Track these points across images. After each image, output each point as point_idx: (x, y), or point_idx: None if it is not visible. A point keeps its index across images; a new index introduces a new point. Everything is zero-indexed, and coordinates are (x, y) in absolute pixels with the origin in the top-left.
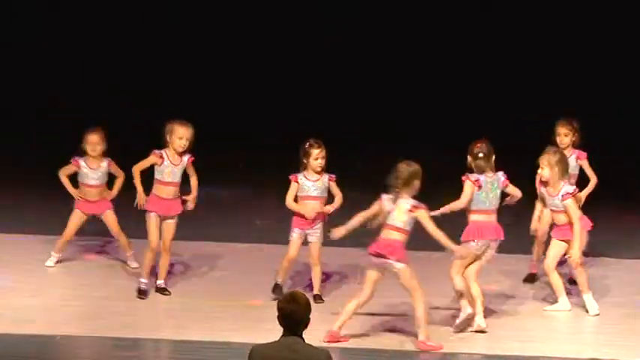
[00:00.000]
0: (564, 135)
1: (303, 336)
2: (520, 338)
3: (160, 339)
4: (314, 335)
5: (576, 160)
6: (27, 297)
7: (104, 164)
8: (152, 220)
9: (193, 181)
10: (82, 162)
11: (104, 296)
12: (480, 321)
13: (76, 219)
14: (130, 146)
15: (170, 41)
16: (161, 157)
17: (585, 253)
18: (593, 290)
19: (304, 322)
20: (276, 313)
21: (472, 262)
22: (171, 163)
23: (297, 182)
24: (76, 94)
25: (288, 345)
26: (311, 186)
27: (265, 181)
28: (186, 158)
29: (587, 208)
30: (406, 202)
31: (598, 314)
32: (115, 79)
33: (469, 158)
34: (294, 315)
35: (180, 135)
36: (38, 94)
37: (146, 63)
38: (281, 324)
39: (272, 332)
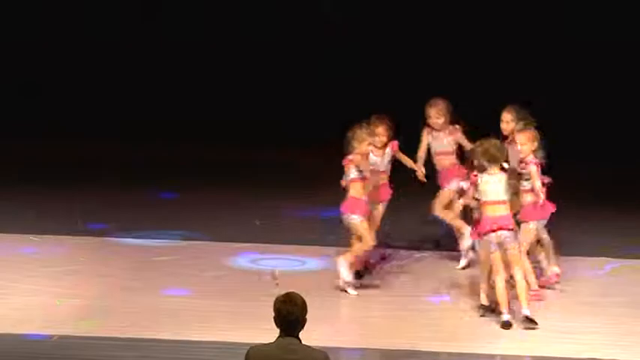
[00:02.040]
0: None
1: (300, 337)
2: (518, 338)
3: (157, 339)
4: (311, 336)
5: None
6: (23, 297)
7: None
8: None
9: None
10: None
11: (101, 296)
12: None
13: None
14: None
15: (170, 42)
16: None
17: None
18: (594, 290)
19: (301, 323)
20: (273, 314)
21: None
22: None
23: None
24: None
25: (285, 346)
26: None
27: (262, 181)
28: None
29: None
30: None
31: None
32: (114, 79)
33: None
34: (290, 316)
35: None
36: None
37: (146, 63)
38: (277, 325)
39: (270, 332)
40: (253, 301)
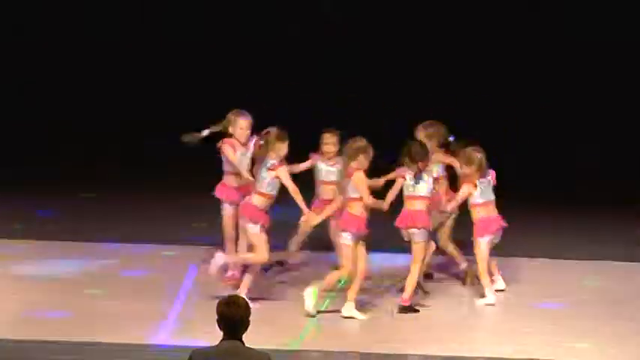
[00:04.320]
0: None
1: (243, 339)
2: (459, 339)
3: (97, 342)
4: (254, 338)
5: None
6: None
7: None
8: None
9: None
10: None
11: (40, 300)
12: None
13: None
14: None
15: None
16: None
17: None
18: (535, 291)
19: (244, 326)
20: (216, 317)
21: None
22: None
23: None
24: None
25: (229, 349)
26: None
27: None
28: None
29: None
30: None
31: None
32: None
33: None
34: (234, 318)
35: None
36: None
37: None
38: (221, 328)
39: (212, 335)
40: (195, 304)
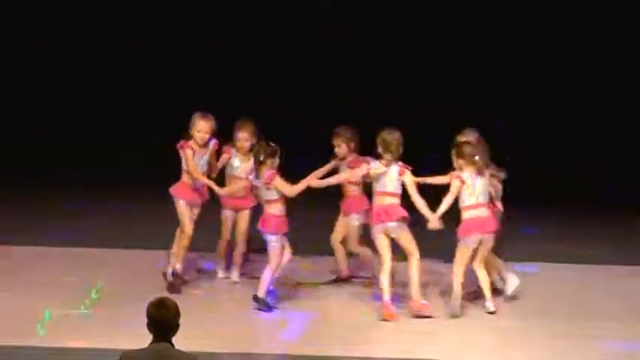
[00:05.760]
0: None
1: (173, 341)
2: (389, 340)
3: (31, 346)
4: (183, 341)
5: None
6: None
7: None
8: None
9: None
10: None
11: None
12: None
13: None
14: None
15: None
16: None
17: None
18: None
19: (174, 328)
20: (145, 320)
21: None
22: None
23: None
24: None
25: (158, 351)
26: None
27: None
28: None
29: None
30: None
31: None
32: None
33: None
34: (163, 321)
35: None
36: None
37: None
38: (150, 330)
39: (142, 338)
40: (126, 307)
